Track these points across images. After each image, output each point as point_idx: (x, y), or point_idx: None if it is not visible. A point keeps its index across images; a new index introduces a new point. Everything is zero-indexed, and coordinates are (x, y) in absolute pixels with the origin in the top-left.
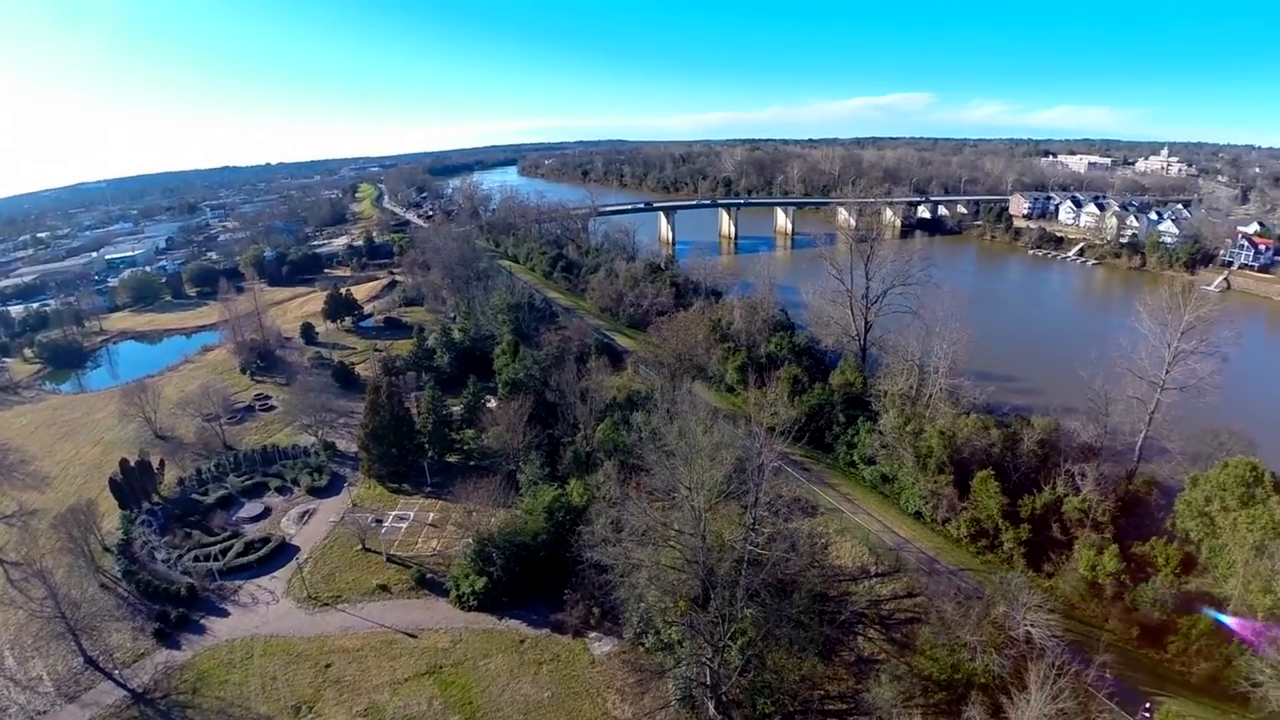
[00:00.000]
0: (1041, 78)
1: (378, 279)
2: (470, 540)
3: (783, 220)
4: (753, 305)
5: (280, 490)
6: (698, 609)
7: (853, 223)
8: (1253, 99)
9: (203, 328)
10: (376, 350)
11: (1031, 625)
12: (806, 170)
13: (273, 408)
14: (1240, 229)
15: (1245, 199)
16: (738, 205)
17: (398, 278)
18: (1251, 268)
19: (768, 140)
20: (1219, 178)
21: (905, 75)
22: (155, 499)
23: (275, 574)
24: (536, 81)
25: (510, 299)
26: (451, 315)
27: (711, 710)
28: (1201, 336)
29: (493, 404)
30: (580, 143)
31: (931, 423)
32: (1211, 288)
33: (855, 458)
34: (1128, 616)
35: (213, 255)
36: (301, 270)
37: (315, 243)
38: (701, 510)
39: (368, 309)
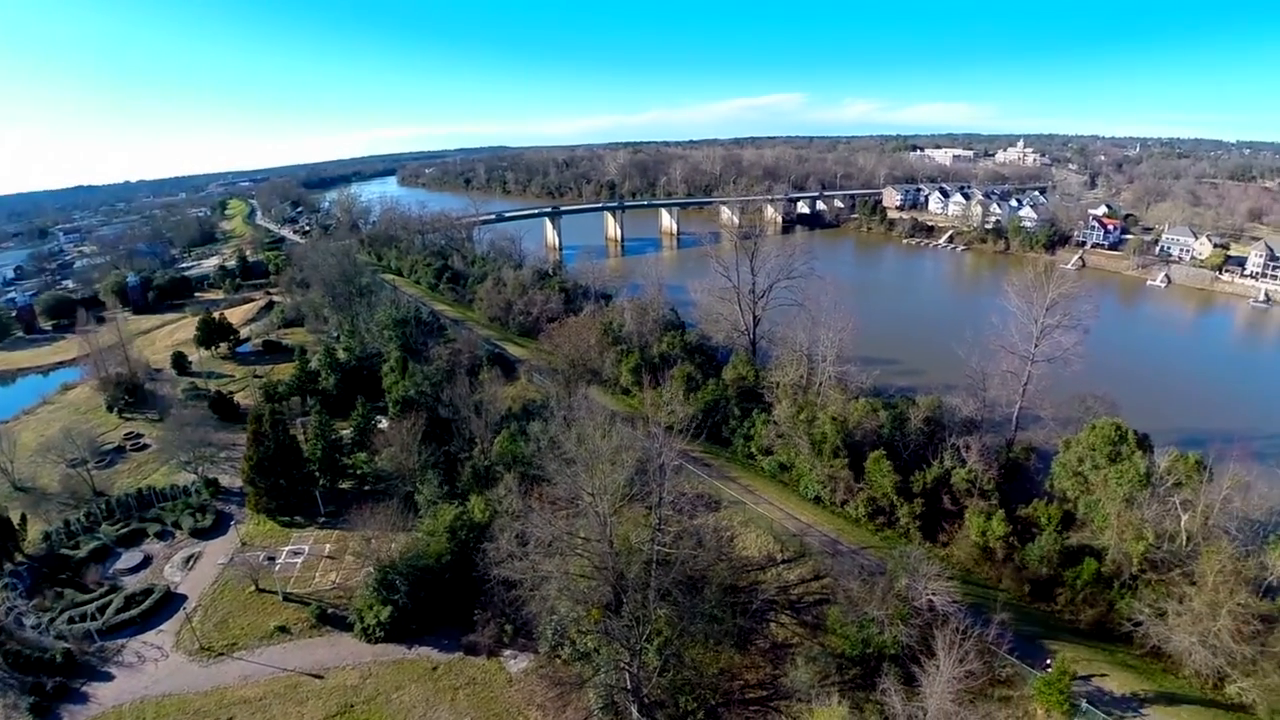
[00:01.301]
0: (907, 77)
1: (254, 300)
2: (371, 569)
3: (668, 221)
4: (643, 306)
5: (160, 535)
6: (611, 615)
7: (736, 220)
8: (1096, 93)
9: (61, 364)
10: (256, 376)
11: (933, 594)
12: (689, 171)
13: (146, 446)
14: (1091, 212)
15: (1094, 184)
16: (623, 208)
17: (275, 298)
18: (1102, 246)
19: (650, 143)
20: (1070, 166)
21: (780, 76)
22: (18, 558)
23: (162, 627)
24: (416, 87)
25: (395, 314)
26: (335, 334)
27: (635, 714)
28: (1064, 311)
29: (384, 424)
30: (461, 150)
31: (823, 410)
32: (1069, 266)
33: (753, 449)
34: (1019, 575)
35: (69, 284)
36: (169, 295)
37: (183, 265)
38: (606, 515)
39: (244, 333)
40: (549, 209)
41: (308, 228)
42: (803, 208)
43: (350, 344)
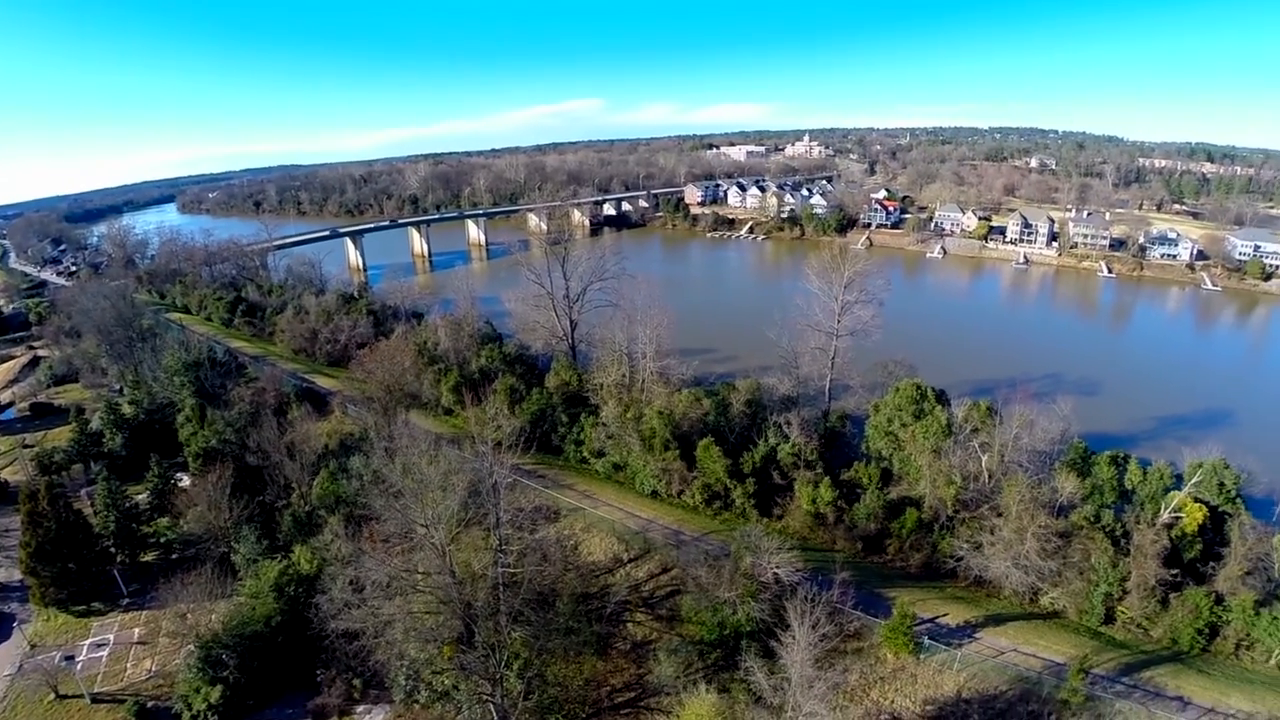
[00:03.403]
0: (700, 80)
1: (14, 358)
2: (192, 647)
3: (475, 232)
4: (457, 322)
5: None
6: (464, 648)
7: (544, 227)
8: (868, 89)
9: None
10: (26, 446)
11: (777, 567)
12: (493, 180)
13: None
14: (873, 196)
15: (873, 171)
16: (428, 222)
17: (40, 353)
18: (886, 226)
19: (451, 154)
20: (851, 156)
21: (578, 82)
22: None
23: None
24: (192, 100)
25: (186, 357)
26: (117, 387)
27: None
28: (860, 288)
29: (186, 482)
30: (249, 171)
31: (649, 405)
32: (859, 246)
33: (585, 453)
34: (851, 534)
35: None
36: None
37: None
38: (444, 545)
39: (5, 397)
40: (406, 220)
41: (74, 268)
42: (609, 209)
43: (137, 396)
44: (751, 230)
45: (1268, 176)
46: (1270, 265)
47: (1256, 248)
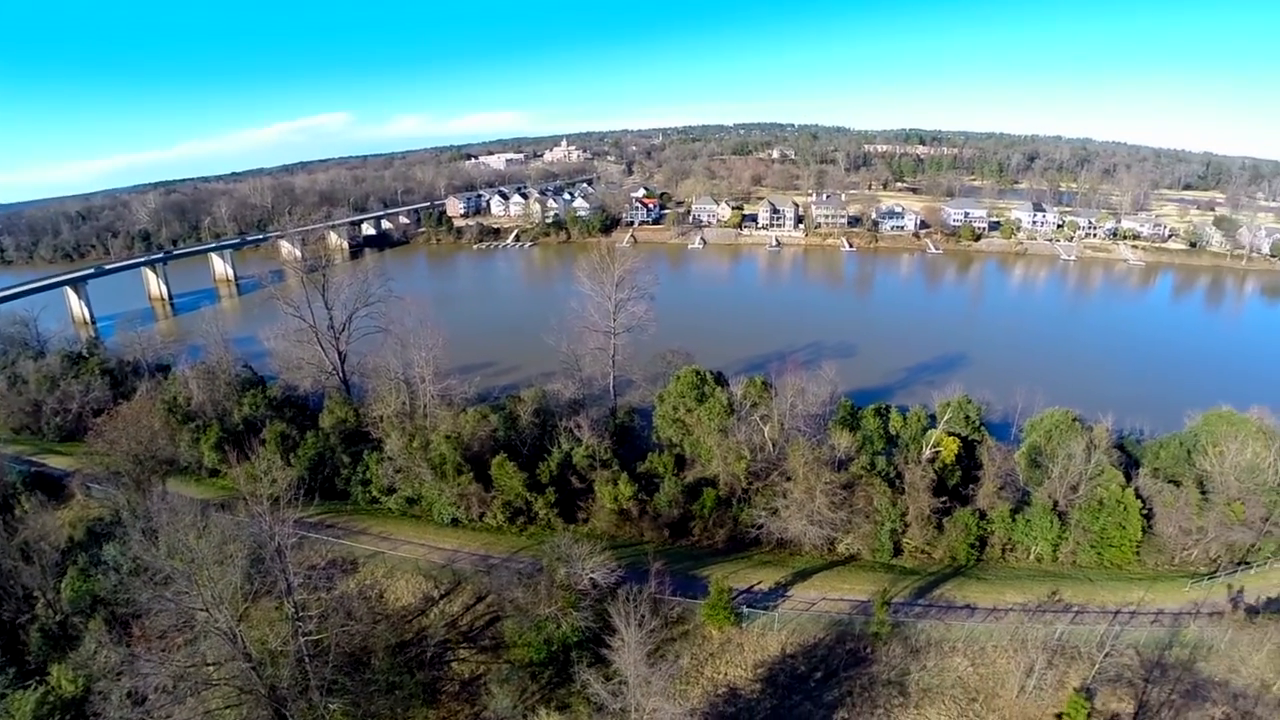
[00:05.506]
0: (452, 90)
1: None
2: None
3: (221, 266)
4: (210, 370)
5: None
6: None
7: (298, 254)
8: (623, 94)
9: None
10: None
11: (592, 572)
12: (237, 207)
13: None
14: (632, 195)
15: (630, 171)
16: (164, 260)
17: None
18: (648, 223)
19: (185, 180)
20: (609, 157)
21: (322, 96)
22: None
23: None
24: None
25: None
26: None
27: None
28: (631, 285)
29: None
30: None
31: (435, 431)
32: (624, 244)
33: (375, 493)
34: (656, 524)
35: None
36: None
37: None
38: (232, 627)
39: None
40: (67, 275)
41: None
42: (368, 229)
43: None
44: (518, 238)
45: (969, 154)
46: (978, 228)
47: (966, 214)
